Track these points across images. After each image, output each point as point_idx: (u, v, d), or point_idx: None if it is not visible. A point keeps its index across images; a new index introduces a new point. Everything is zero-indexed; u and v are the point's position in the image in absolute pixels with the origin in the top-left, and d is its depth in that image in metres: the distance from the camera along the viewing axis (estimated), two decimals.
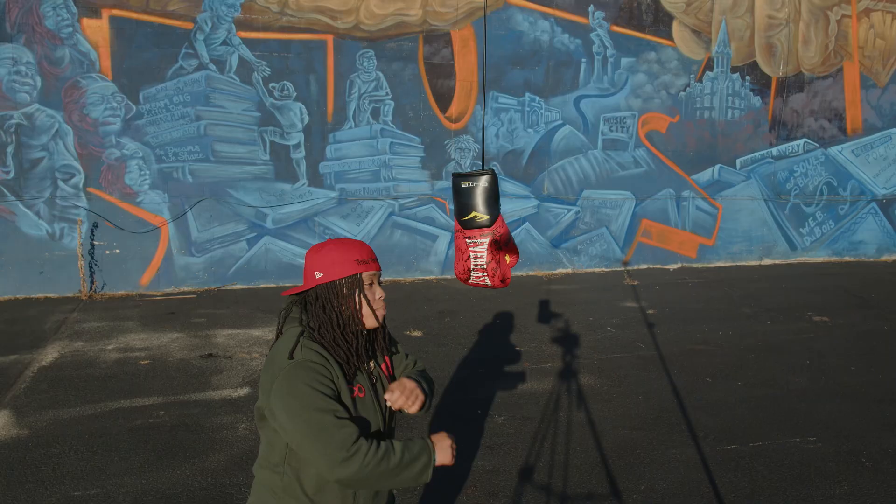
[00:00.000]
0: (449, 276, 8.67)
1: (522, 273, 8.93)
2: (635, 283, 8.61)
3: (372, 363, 1.80)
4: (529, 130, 8.87)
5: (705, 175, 9.83)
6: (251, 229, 7.89)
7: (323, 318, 1.69)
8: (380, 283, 1.77)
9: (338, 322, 1.69)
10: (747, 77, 9.78)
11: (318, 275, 1.69)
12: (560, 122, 8.99)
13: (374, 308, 1.72)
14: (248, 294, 7.56)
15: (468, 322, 6.56)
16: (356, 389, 1.69)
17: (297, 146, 7.96)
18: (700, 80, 9.59)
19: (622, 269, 9.47)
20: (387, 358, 1.87)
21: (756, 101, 9.90)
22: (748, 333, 6.36)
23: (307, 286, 1.73)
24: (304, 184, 8.03)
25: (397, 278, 8.50)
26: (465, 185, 2.50)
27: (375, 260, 1.76)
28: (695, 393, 4.81)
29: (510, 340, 6.00)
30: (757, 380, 5.11)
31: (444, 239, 8.68)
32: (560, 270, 9.24)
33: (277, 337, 1.76)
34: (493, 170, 2.59)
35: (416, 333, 6.13)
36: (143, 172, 7.47)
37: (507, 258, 2.52)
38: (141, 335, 5.97)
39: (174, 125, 7.49)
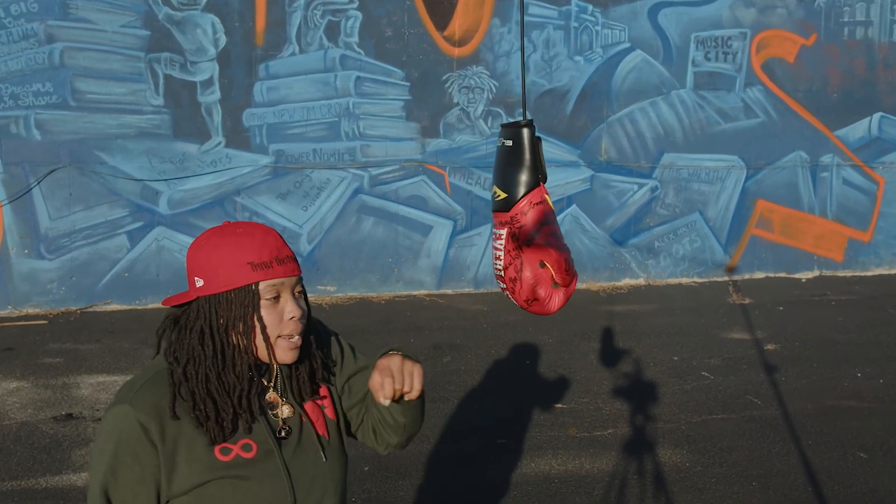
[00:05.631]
0: (449, 291, 8.65)
1: None
2: (746, 301, 8.61)
3: (286, 408, 1.83)
4: (578, 59, 8.86)
5: (858, 130, 9.81)
6: (135, 216, 7.87)
7: (197, 350, 1.73)
8: (296, 294, 1.78)
9: (214, 359, 1.73)
10: None
11: (199, 282, 1.75)
12: (627, 44, 8.98)
13: (273, 337, 1.74)
14: (130, 318, 7.53)
15: (480, 363, 6.54)
16: (237, 447, 1.72)
17: (207, 84, 7.95)
18: None
19: (725, 278, 9.47)
20: (323, 389, 1.90)
21: None
22: None
23: (189, 296, 1.79)
24: (219, 143, 8.02)
25: (367, 293, 8.49)
26: (500, 142, 2.63)
27: (288, 259, 1.76)
28: (841, 475, 4.81)
29: (547, 392, 5.99)
30: None
31: (441, 231, 8.66)
32: (627, 281, 9.23)
33: None
34: (520, 122, 2.61)
35: None
36: None
37: (548, 266, 2.47)
38: None
39: (12, 50, 7.48)
